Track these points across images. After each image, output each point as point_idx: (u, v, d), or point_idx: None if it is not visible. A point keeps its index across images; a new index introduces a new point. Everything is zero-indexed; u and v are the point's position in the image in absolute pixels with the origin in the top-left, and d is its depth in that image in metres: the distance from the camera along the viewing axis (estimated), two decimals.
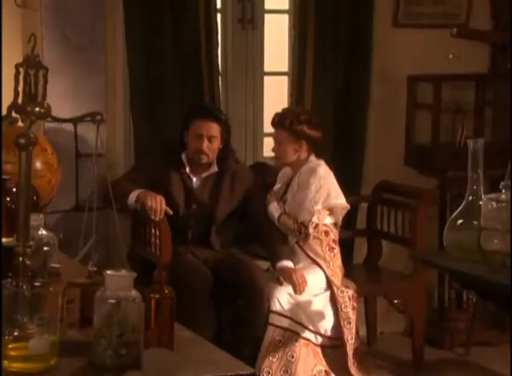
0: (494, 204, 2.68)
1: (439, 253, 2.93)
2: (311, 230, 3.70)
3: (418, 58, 4.45)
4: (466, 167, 2.71)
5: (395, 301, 4.19)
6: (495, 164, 3.77)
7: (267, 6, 4.38)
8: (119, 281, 1.67)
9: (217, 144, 3.69)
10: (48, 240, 2.14)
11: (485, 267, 2.61)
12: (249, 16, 4.31)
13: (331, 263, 3.77)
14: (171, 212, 3.58)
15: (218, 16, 4.19)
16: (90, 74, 3.99)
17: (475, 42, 4.43)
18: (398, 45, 4.47)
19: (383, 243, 4.39)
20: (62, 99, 3.89)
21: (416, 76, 4.48)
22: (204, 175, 3.74)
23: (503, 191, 2.72)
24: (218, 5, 4.20)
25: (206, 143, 3.65)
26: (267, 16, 4.39)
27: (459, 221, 2.74)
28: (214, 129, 3.67)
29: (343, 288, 3.75)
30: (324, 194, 3.69)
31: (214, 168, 3.75)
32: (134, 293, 1.67)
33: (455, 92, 4.55)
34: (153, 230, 3.72)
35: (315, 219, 3.69)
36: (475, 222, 2.68)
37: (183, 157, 3.74)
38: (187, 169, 3.73)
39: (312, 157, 3.80)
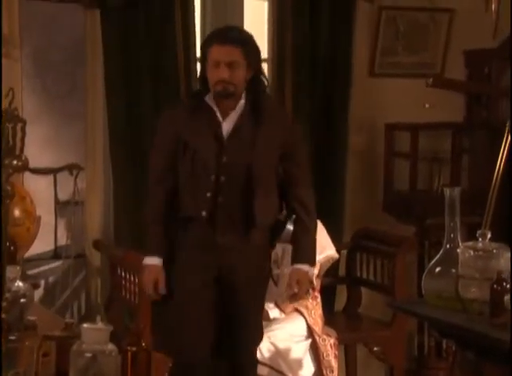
0: (471, 252, 2.71)
1: (418, 301, 2.93)
2: (315, 282, 3.64)
3: (395, 107, 4.52)
4: (443, 214, 2.74)
5: (375, 348, 4.18)
6: (473, 211, 3.82)
7: None
8: (95, 334, 1.66)
9: (241, 71, 2.90)
10: (25, 292, 2.13)
11: (463, 315, 2.62)
12: None
13: (313, 312, 3.76)
14: (159, 294, 3.02)
15: (198, 64, 4.24)
16: (70, 123, 4.01)
17: (451, 92, 4.50)
18: (375, 94, 4.54)
19: (362, 290, 4.39)
20: (41, 148, 3.91)
21: (394, 124, 4.54)
22: (232, 113, 2.94)
23: (480, 239, 2.75)
24: (198, 54, 4.26)
25: (226, 71, 2.87)
26: None
27: (437, 269, 2.76)
28: (234, 53, 2.89)
29: (324, 336, 3.74)
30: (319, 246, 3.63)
31: (242, 102, 2.95)
32: (110, 346, 1.66)
33: (431, 140, 4.61)
34: (132, 278, 3.70)
35: (316, 271, 3.62)
36: (453, 270, 2.70)
37: (207, 99, 2.96)
38: (215, 110, 2.94)
39: None
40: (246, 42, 2.92)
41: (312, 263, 3.07)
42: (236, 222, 2.91)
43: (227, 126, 2.93)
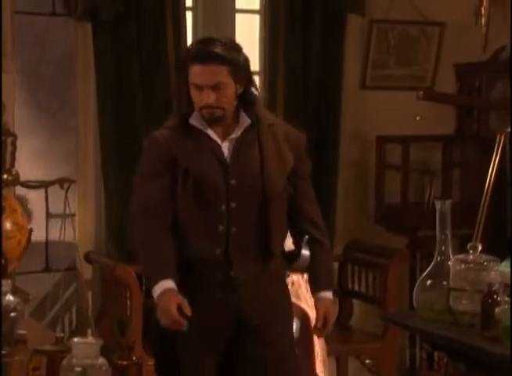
0: (462, 264, 2.71)
1: (409, 313, 2.93)
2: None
3: (386, 119, 4.54)
4: (435, 226, 2.75)
5: (367, 361, 4.18)
6: (464, 224, 3.83)
7: None
8: (86, 348, 1.66)
9: (229, 91, 2.47)
10: (16, 306, 2.12)
11: (455, 328, 2.63)
12: None
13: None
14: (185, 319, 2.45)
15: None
16: (61, 136, 4.01)
17: (441, 105, 4.53)
18: (366, 107, 4.56)
19: (354, 302, 4.39)
20: (33, 161, 3.90)
21: (385, 137, 4.56)
22: (233, 136, 2.53)
23: (471, 252, 2.76)
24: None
25: (211, 95, 2.45)
26: None
27: (429, 281, 2.76)
28: (218, 73, 2.44)
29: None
30: None
31: (246, 121, 2.54)
32: (101, 360, 1.66)
33: (423, 152, 4.63)
34: (123, 291, 3.69)
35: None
36: (444, 283, 2.71)
37: (194, 121, 2.53)
38: (208, 132, 2.52)
39: None
40: (232, 57, 2.46)
41: (333, 288, 2.77)
42: (252, 252, 2.51)
43: (228, 146, 2.52)
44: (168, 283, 2.43)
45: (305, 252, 2.62)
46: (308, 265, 2.64)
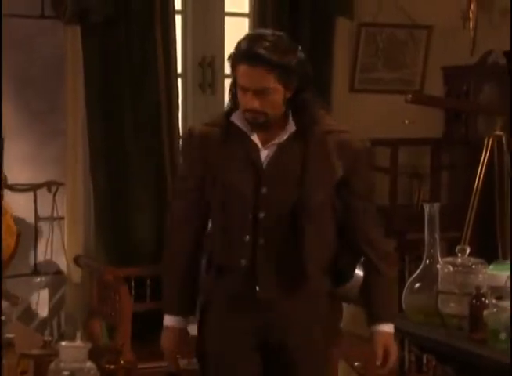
0: (450, 267, 2.73)
1: (398, 316, 2.94)
2: None
3: (375, 122, 4.55)
4: (423, 229, 2.76)
5: (356, 364, 4.18)
6: (452, 226, 3.85)
7: (227, 71, 4.45)
8: (74, 352, 1.65)
9: (276, 96, 2.26)
10: (4, 310, 2.11)
11: (443, 331, 2.64)
12: (209, 80, 4.40)
13: None
14: (179, 367, 2.38)
15: (179, 80, 4.26)
16: (50, 139, 4.00)
17: (430, 108, 4.54)
18: (355, 110, 4.56)
19: (343, 305, 4.39)
20: (22, 164, 3.90)
21: (374, 140, 4.52)
22: (276, 141, 2.31)
23: (459, 255, 2.77)
24: (179, 70, 4.27)
25: (255, 100, 2.25)
26: (227, 81, 4.46)
27: (417, 284, 2.78)
28: (265, 79, 2.24)
29: None
30: None
31: (292, 128, 2.31)
32: (89, 364, 1.65)
33: (411, 156, 4.65)
34: (112, 294, 3.69)
35: None
36: (433, 286, 2.72)
37: (237, 119, 2.32)
38: (251, 134, 2.31)
39: None
40: (283, 61, 2.23)
41: (394, 319, 2.43)
42: (281, 267, 2.29)
43: (267, 152, 2.30)
44: (176, 321, 2.34)
45: (359, 272, 2.37)
46: (361, 293, 2.39)
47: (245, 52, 2.24)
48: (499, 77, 4.71)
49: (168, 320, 2.34)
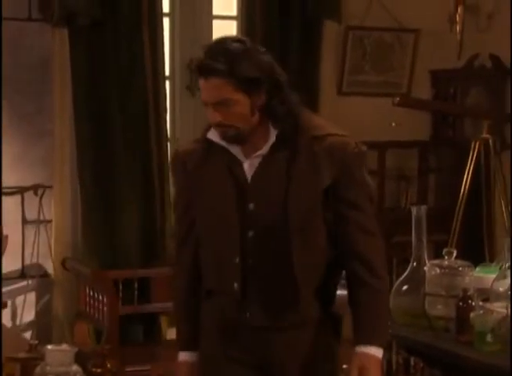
0: (437, 269, 2.74)
1: None
2: None
3: (362, 125, 4.56)
4: (411, 232, 2.77)
5: (344, 366, 4.18)
6: (439, 229, 3.87)
7: None
8: (60, 356, 1.65)
9: (240, 107, 2.05)
10: None
11: (430, 333, 2.65)
12: (197, 83, 4.39)
13: None
14: None
15: (167, 82, 4.26)
16: (38, 141, 4.00)
17: (417, 111, 4.57)
18: (342, 113, 4.57)
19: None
20: (9, 166, 3.88)
21: (361, 143, 4.57)
22: (259, 152, 2.12)
23: (446, 257, 2.79)
24: (167, 72, 4.27)
25: (216, 114, 2.07)
26: None
27: (405, 287, 2.78)
28: (222, 89, 2.04)
29: None
30: None
31: (273, 137, 2.11)
32: (75, 368, 1.65)
33: (399, 158, 4.67)
34: (99, 297, 3.68)
35: None
36: (420, 288, 2.73)
37: (212, 135, 2.15)
38: (231, 149, 2.13)
39: None
40: (238, 69, 2.02)
41: (383, 342, 2.15)
42: (274, 290, 2.11)
43: (250, 165, 2.13)
44: (187, 356, 2.21)
45: (341, 293, 2.18)
46: (351, 312, 2.14)
47: (198, 66, 2.06)
48: (485, 81, 4.74)
49: (181, 355, 2.22)
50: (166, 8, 4.29)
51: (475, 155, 4.03)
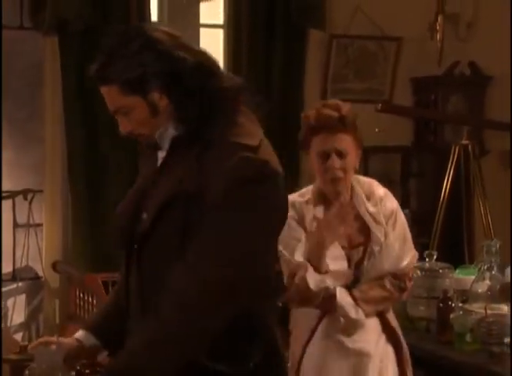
0: (419, 272, 2.83)
1: None
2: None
3: None
4: None
5: None
6: (421, 233, 3.96)
7: None
8: (49, 358, 1.65)
9: (138, 111, 1.78)
10: None
11: (413, 334, 2.73)
12: None
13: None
14: None
15: None
16: (29, 147, 4.04)
17: (399, 117, 4.65)
18: None
19: None
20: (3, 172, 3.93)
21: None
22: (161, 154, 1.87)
23: (427, 260, 2.88)
24: None
25: (121, 122, 1.82)
26: None
27: None
28: (111, 97, 1.79)
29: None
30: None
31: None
32: (64, 369, 1.65)
33: (382, 163, 4.74)
34: (90, 299, 3.74)
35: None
36: None
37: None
38: (158, 154, 1.87)
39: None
40: (116, 69, 1.74)
41: None
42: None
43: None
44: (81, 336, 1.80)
45: None
46: None
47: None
48: (465, 88, 4.83)
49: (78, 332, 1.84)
50: (154, 16, 4.36)
51: (455, 160, 4.12)
